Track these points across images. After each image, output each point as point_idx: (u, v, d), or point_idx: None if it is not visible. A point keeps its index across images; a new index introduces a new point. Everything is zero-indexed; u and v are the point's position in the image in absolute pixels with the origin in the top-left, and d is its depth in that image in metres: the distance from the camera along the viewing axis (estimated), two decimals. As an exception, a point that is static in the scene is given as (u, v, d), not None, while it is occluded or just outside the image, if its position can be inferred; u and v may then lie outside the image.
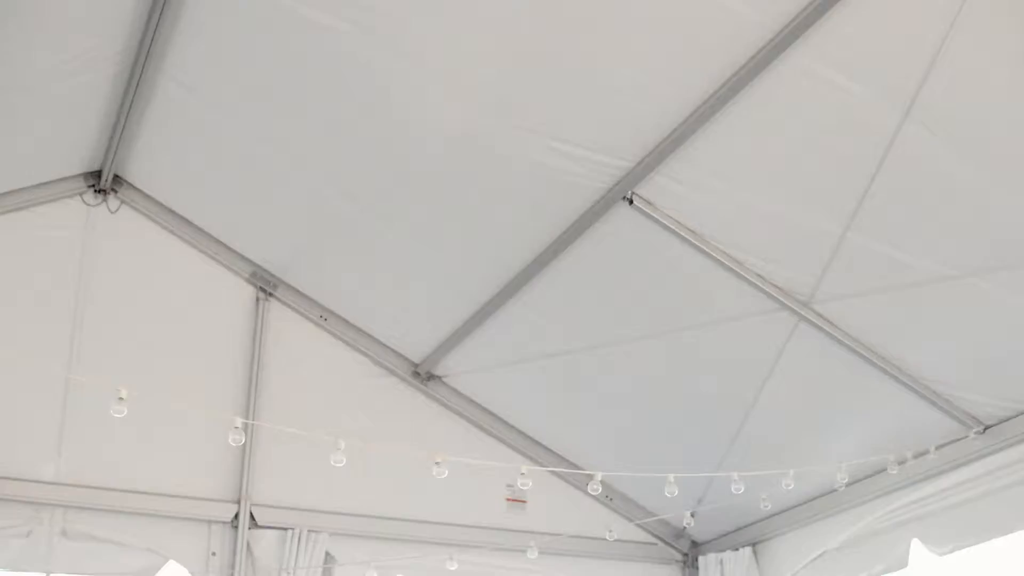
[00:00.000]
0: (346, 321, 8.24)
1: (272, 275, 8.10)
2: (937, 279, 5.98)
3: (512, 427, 8.48)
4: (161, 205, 7.87)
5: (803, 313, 6.53)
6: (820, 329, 6.56)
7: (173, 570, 7.65)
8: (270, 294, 8.12)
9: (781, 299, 6.51)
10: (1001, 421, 6.65)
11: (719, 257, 6.37)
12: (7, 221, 7.55)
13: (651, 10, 5.26)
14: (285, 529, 7.79)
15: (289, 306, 8.17)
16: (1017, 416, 6.57)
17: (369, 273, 7.77)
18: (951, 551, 7.02)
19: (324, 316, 8.20)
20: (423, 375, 8.26)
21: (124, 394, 5.51)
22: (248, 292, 8.11)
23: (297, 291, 8.17)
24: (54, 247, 7.71)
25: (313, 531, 7.81)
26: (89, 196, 7.76)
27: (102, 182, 7.71)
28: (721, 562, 8.32)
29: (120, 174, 7.73)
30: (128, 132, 7.10)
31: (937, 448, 6.85)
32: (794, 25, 5.04)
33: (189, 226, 7.92)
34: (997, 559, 6.91)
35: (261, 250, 8.02)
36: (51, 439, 7.48)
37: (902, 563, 7.30)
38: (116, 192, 7.79)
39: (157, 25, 6.03)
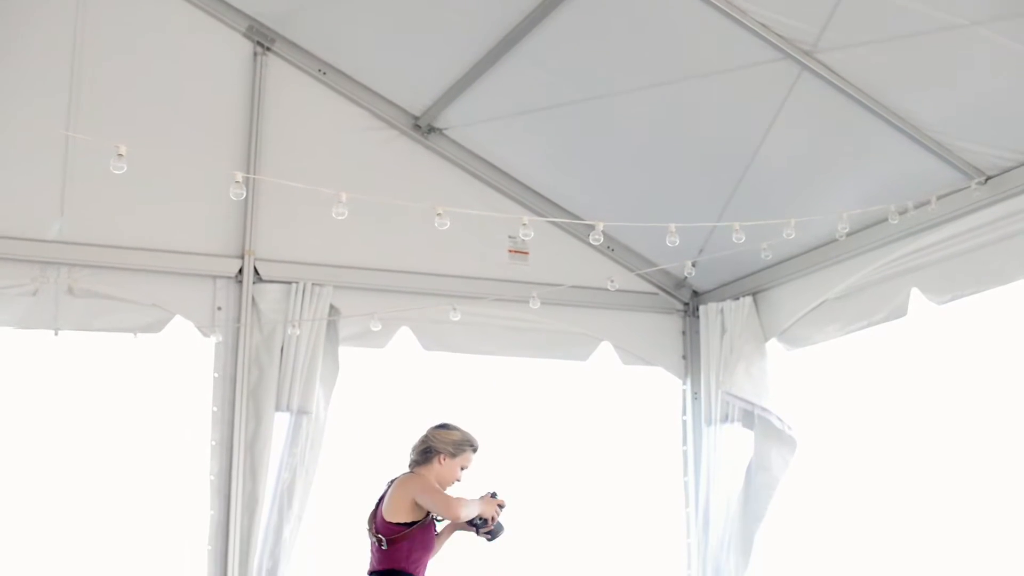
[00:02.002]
0: (345, 75, 8.14)
1: (269, 28, 7.97)
2: (941, 27, 5.87)
3: (513, 179, 8.46)
4: (153, -41, 7.71)
5: (806, 63, 6.43)
6: (823, 79, 6.47)
7: (179, 325, 7.76)
8: (268, 48, 8.00)
9: (784, 48, 6.40)
10: (1002, 172, 6.61)
11: (722, 6, 6.24)
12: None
13: None
14: (289, 283, 7.87)
15: (287, 60, 8.06)
16: (1019, 167, 6.53)
17: (369, 25, 7.63)
18: (950, 300, 7.07)
19: (323, 70, 8.10)
20: (424, 128, 8.21)
21: (123, 150, 5.46)
22: (245, 47, 7.99)
23: (295, 45, 8.05)
24: (50, 9, 7.57)
25: (317, 284, 7.89)
26: (82, -44, 7.60)
27: (97, -61, 7.53)
28: (722, 311, 8.40)
29: (112, -70, 7.54)
30: None
31: (938, 198, 6.83)
32: None
33: (182, -20, 7.78)
34: (995, 308, 6.96)
35: (257, 3, 7.87)
36: (54, 198, 7.51)
37: (901, 312, 7.36)
38: (109, -51, 7.62)
39: None
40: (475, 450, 6.24)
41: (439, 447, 6.26)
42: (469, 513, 6.02)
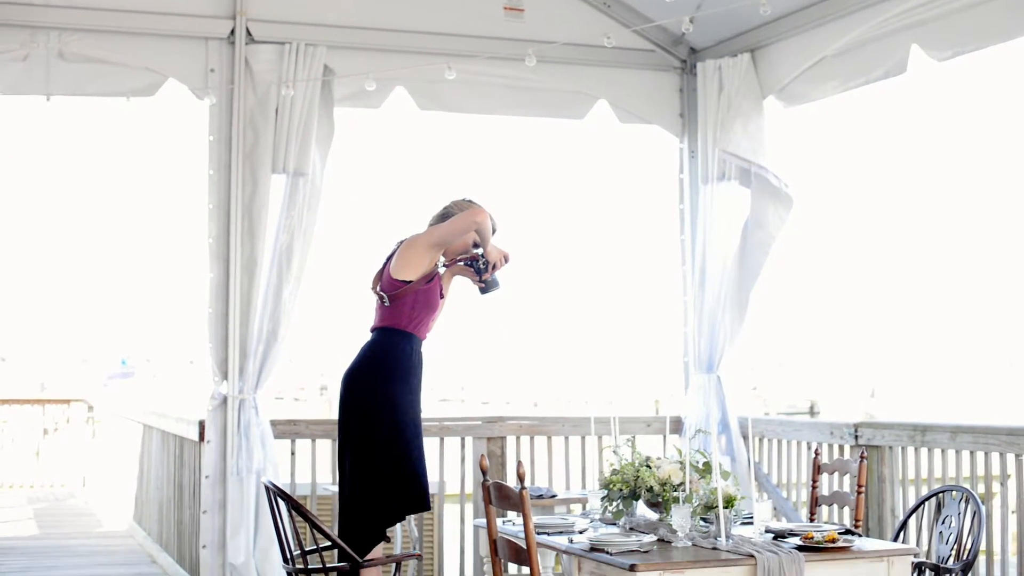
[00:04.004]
0: None
1: None
2: None
3: (508, -66, 8.29)
4: None
5: None
6: None
7: (172, 89, 7.70)
8: None
9: None
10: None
11: None
12: None
13: None
14: (282, 43, 7.78)
15: None
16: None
17: None
18: (950, 57, 7.00)
19: None
20: None
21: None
22: None
23: None
24: None
25: (311, 44, 7.80)
26: None
27: None
28: (719, 68, 8.32)
29: None
30: None
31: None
32: None
33: None
34: (995, 65, 6.89)
35: None
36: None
37: (901, 68, 7.30)
38: None
39: None
40: (494, 230, 6.19)
41: (458, 212, 6.18)
42: (486, 229, 5.96)
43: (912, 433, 7.31)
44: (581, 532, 5.31)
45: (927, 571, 5.25)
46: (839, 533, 5.12)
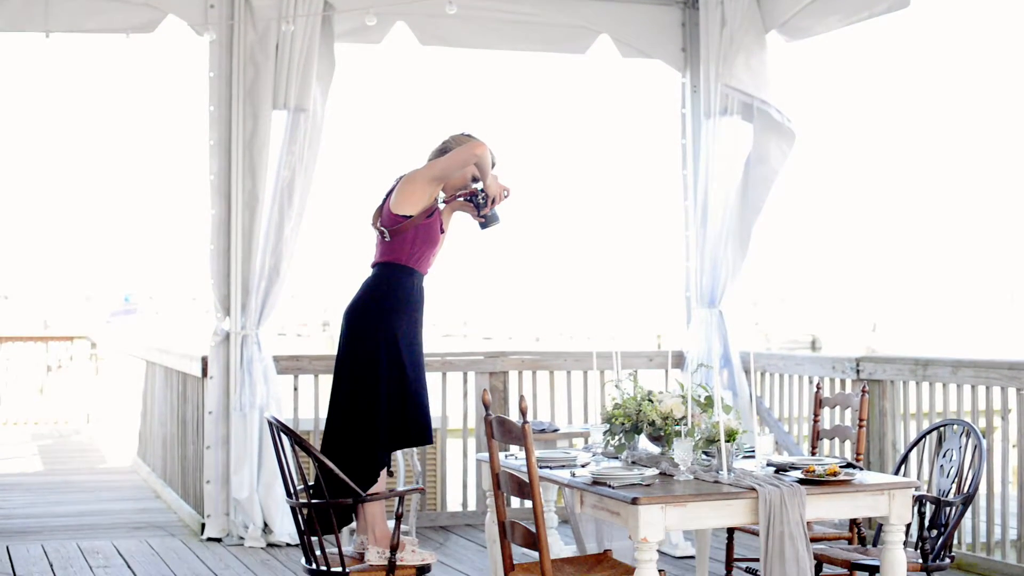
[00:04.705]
0: None
1: None
2: None
3: None
4: None
5: None
6: None
7: (172, 25, 7.65)
8: None
9: None
10: None
11: None
12: None
13: None
14: (282, -23, 7.72)
15: None
16: None
17: None
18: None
19: None
20: None
21: None
22: None
23: None
24: None
25: (311, -21, 7.75)
26: None
27: None
28: (721, 3, 8.25)
29: None
30: None
31: None
32: None
33: None
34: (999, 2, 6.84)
35: None
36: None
37: (903, 3, 7.25)
38: None
39: None
40: (493, 164, 6.15)
41: (456, 146, 6.11)
42: (485, 162, 5.93)
43: (913, 367, 7.33)
44: (583, 466, 5.33)
45: (928, 504, 5.27)
46: (840, 467, 5.14)
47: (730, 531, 6.13)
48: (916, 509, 5.21)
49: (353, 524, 5.90)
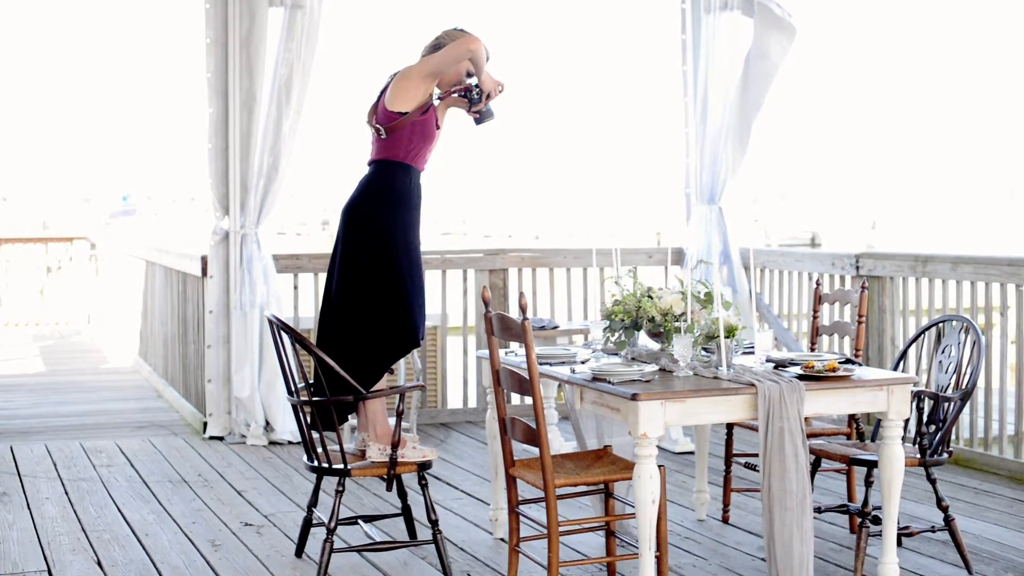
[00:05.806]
0: None
1: None
2: None
3: None
4: None
5: None
6: None
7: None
8: None
9: None
10: None
11: None
12: None
13: None
14: None
15: None
16: None
17: None
18: None
19: None
20: None
21: None
22: None
23: None
24: None
25: None
26: None
27: None
28: None
29: None
30: None
31: None
32: None
33: None
34: None
35: None
36: None
37: None
38: None
39: None
40: (488, 58, 6.07)
41: (449, 42, 6.04)
42: (480, 56, 5.87)
43: (913, 264, 7.33)
44: (583, 362, 5.34)
45: (926, 400, 5.29)
46: (839, 362, 5.15)
47: (729, 427, 6.17)
48: (914, 405, 5.23)
49: (354, 421, 5.92)
